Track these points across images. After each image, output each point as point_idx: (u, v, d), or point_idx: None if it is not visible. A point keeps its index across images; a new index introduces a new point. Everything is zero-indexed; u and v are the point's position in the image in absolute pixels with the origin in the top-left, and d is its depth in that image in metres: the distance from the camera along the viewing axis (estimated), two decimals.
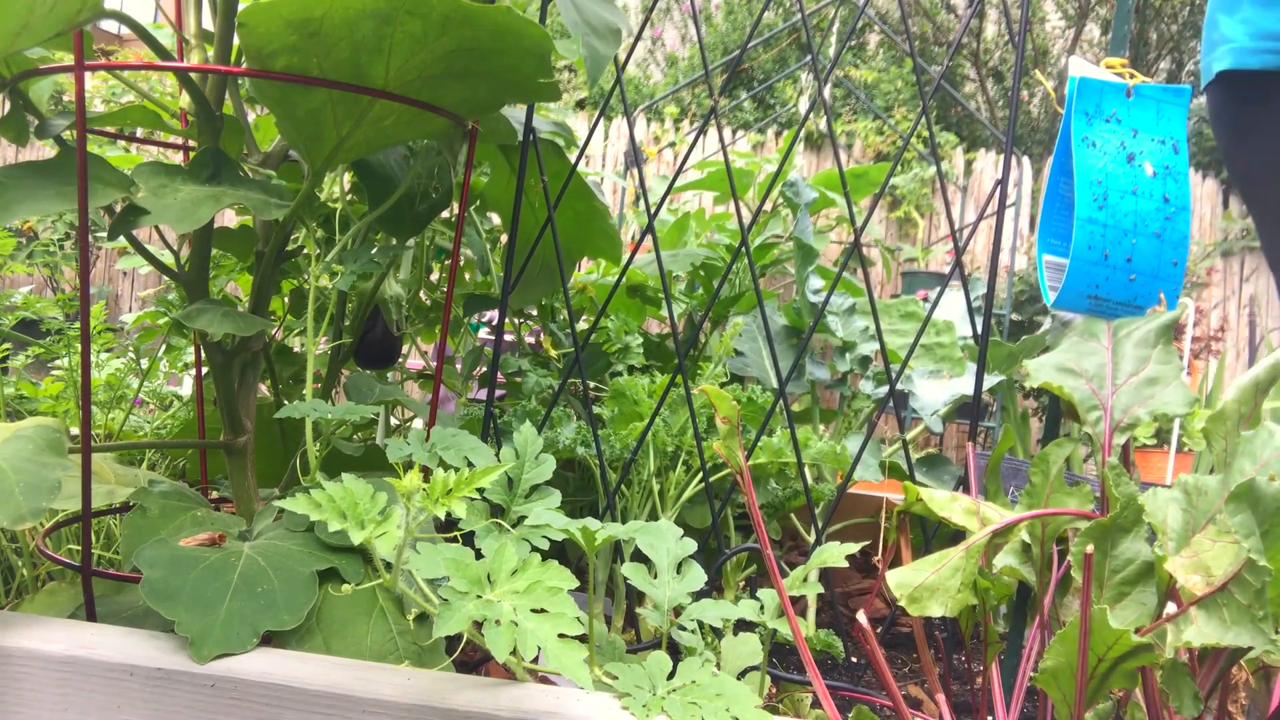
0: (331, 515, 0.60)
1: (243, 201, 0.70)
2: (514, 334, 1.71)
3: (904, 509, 0.80)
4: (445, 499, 0.59)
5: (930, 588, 0.69)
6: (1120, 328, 0.79)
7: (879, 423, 1.43)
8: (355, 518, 0.60)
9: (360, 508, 0.61)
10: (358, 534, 0.58)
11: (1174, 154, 0.81)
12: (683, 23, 7.70)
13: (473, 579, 0.57)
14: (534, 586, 0.57)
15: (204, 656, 0.57)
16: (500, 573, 0.58)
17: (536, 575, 0.58)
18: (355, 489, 0.62)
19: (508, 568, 0.59)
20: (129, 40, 5.81)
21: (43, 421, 0.68)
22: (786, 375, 1.03)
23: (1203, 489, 0.63)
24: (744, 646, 0.82)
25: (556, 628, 0.54)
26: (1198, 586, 0.57)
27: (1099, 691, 0.59)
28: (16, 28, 0.60)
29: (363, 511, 0.60)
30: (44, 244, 2.77)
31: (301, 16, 0.64)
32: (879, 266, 5.17)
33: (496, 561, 0.59)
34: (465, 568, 0.58)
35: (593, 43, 0.76)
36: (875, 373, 1.96)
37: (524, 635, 0.54)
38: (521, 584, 0.57)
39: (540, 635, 0.54)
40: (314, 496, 0.60)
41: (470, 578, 0.57)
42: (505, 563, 0.59)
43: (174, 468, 1.39)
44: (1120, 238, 0.80)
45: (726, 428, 0.70)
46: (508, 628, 0.54)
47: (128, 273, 5.82)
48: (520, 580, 0.58)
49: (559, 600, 0.56)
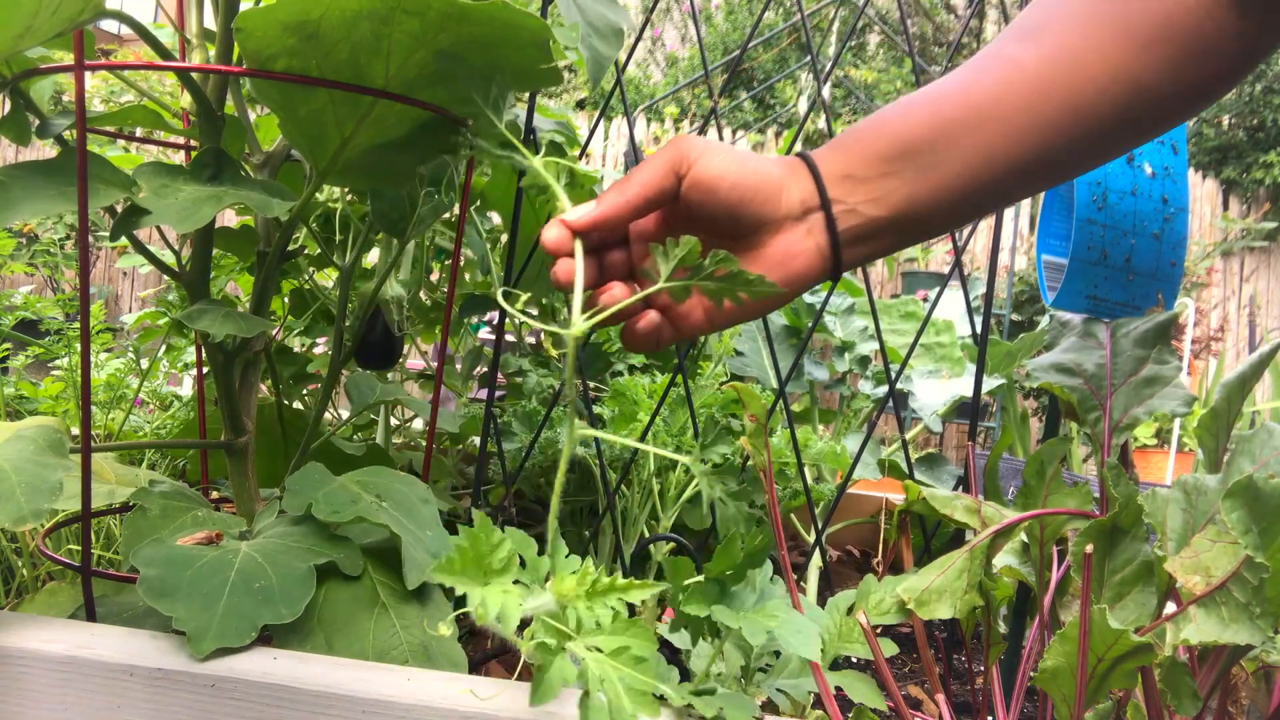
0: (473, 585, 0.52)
1: (245, 201, 0.70)
2: (514, 334, 1.72)
3: (905, 508, 0.80)
4: (595, 600, 0.54)
5: (937, 590, 0.69)
6: (1119, 327, 0.79)
7: (878, 423, 1.43)
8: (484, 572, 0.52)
9: (486, 559, 0.53)
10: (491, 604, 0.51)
11: (1173, 155, 0.81)
12: (683, 23, 7.70)
13: (557, 633, 0.53)
14: (621, 651, 0.52)
15: (202, 650, 0.57)
16: (582, 623, 0.53)
17: (622, 638, 0.53)
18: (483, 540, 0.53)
19: (590, 620, 0.53)
20: (129, 40, 5.81)
21: (44, 422, 0.68)
22: (786, 375, 1.03)
23: (1202, 489, 0.63)
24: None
25: (640, 707, 0.50)
26: (1197, 586, 0.57)
27: (1099, 691, 0.59)
28: (20, 30, 0.60)
29: (489, 565, 0.53)
30: (44, 244, 2.77)
31: (299, 19, 0.64)
32: (879, 266, 5.17)
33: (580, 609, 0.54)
34: (550, 628, 0.53)
35: (594, 44, 0.76)
36: (874, 372, 1.96)
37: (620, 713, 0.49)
38: (608, 644, 0.53)
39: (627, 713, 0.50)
40: (454, 560, 0.52)
41: (555, 633, 0.53)
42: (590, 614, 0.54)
43: (174, 468, 1.40)
44: (1119, 238, 0.80)
45: (754, 426, 0.70)
46: (598, 705, 0.50)
47: (128, 273, 5.83)
48: (607, 639, 0.53)
49: (645, 669, 0.52)
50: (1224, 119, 6.87)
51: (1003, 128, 0.57)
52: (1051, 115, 0.57)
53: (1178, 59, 0.56)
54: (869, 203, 0.58)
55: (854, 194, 0.58)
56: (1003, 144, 0.57)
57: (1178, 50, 0.56)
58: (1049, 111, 0.57)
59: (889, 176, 0.58)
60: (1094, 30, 0.57)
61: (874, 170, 0.58)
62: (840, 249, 0.59)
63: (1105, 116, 0.57)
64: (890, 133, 0.58)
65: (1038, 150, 0.57)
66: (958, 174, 0.57)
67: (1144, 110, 0.58)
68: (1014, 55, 0.58)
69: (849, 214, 0.58)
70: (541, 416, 1.25)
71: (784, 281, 0.59)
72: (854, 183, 0.58)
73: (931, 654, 0.78)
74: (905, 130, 0.58)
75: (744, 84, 6.85)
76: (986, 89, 0.58)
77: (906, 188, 0.57)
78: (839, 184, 0.58)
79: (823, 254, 0.59)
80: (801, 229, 0.59)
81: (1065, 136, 0.57)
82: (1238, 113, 6.81)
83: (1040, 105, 0.57)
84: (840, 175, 0.58)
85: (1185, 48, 0.56)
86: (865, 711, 0.71)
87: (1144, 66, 0.56)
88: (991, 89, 0.57)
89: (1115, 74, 0.57)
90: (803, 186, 0.58)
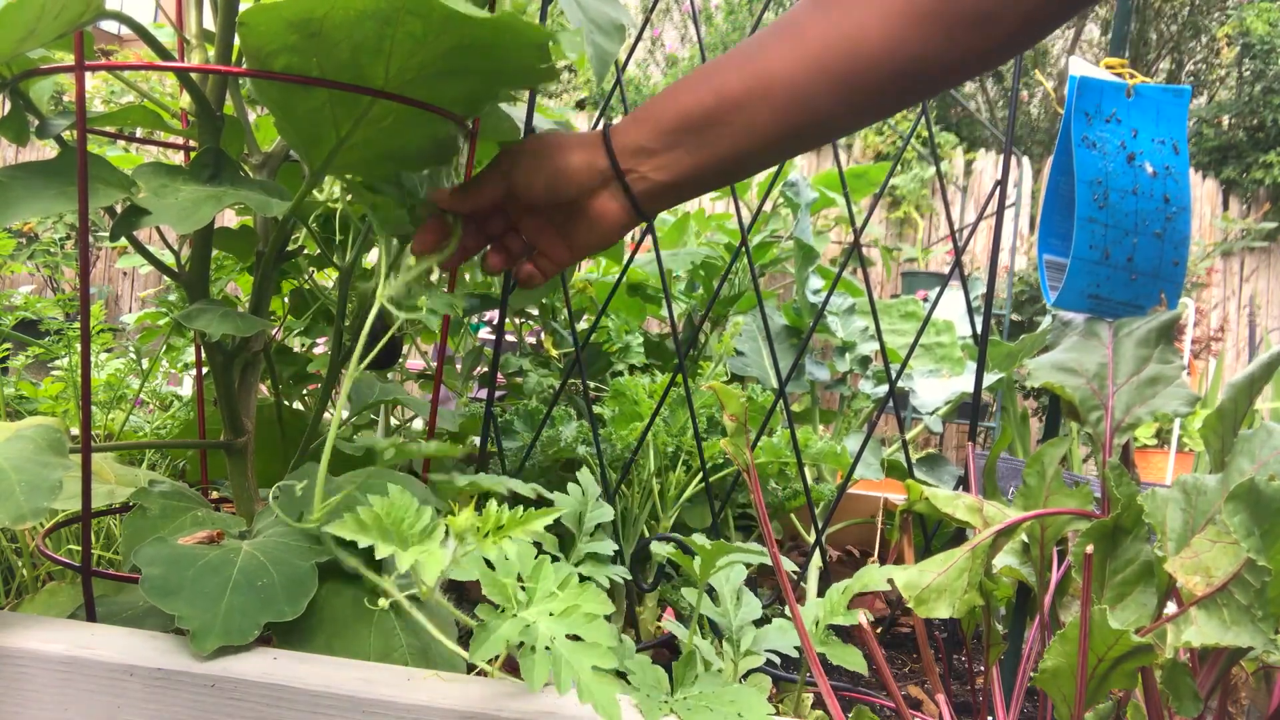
0: (378, 538, 0.57)
1: (244, 201, 0.70)
2: (514, 334, 1.71)
3: (907, 507, 0.80)
4: (496, 535, 0.57)
5: (937, 589, 0.69)
6: (1121, 327, 0.79)
7: (879, 422, 1.43)
8: (400, 537, 0.57)
9: (405, 524, 0.58)
10: (404, 558, 0.56)
11: (1174, 154, 0.81)
12: (683, 23, 7.70)
13: (507, 595, 0.55)
14: (571, 610, 0.54)
15: (206, 648, 0.57)
16: (536, 590, 0.56)
17: (574, 598, 0.55)
18: (400, 505, 0.59)
19: (545, 586, 0.56)
20: (129, 40, 5.81)
21: (44, 421, 0.68)
22: (786, 375, 1.03)
23: (1202, 489, 0.63)
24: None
25: (591, 658, 0.52)
26: (1198, 587, 0.57)
27: (1099, 691, 0.59)
28: (24, 33, 0.60)
29: (406, 529, 0.58)
30: (44, 244, 2.77)
31: (303, 17, 0.63)
32: (879, 266, 5.17)
33: (534, 577, 0.57)
34: (500, 585, 0.55)
35: (598, 40, 0.76)
36: (875, 372, 1.96)
37: (560, 665, 0.51)
38: (558, 605, 0.55)
39: (576, 666, 0.51)
40: (361, 516, 0.58)
41: (504, 595, 0.55)
42: (543, 580, 0.56)
43: (174, 468, 1.39)
44: (1121, 237, 0.80)
45: (734, 425, 0.70)
46: (543, 656, 0.51)
47: (128, 273, 5.83)
48: (558, 601, 0.55)
49: (595, 627, 0.53)
50: (1224, 119, 6.87)
51: (772, 104, 0.64)
52: (823, 91, 0.63)
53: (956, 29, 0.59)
54: (658, 170, 0.69)
55: (644, 164, 0.69)
56: (771, 119, 0.64)
57: (956, 21, 0.59)
58: (821, 87, 0.63)
59: (674, 149, 0.67)
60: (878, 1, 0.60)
61: (661, 143, 0.68)
62: (639, 205, 0.71)
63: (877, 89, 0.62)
64: (677, 108, 0.67)
65: (804, 122, 0.64)
66: (732, 145, 0.66)
67: (917, 79, 0.62)
68: (804, 28, 0.63)
69: (641, 180, 0.69)
70: (542, 416, 1.25)
71: (602, 233, 0.72)
72: (645, 154, 0.69)
73: (931, 654, 0.78)
74: (689, 106, 0.67)
75: None
76: (766, 65, 0.64)
77: (689, 158, 0.67)
78: (632, 156, 0.69)
79: (627, 210, 0.71)
80: (608, 193, 0.71)
81: (832, 109, 0.64)
82: (1238, 113, 6.81)
83: (812, 83, 0.63)
84: (634, 148, 0.69)
85: (964, 17, 0.59)
86: (865, 712, 0.71)
87: (924, 37, 0.60)
88: (771, 65, 0.64)
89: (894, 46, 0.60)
90: (603, 161, 0.70)
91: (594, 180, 0.70)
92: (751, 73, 0.64)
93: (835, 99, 0.63)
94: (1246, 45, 6.86)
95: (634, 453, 1.07)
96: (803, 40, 0.62)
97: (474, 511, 0.57)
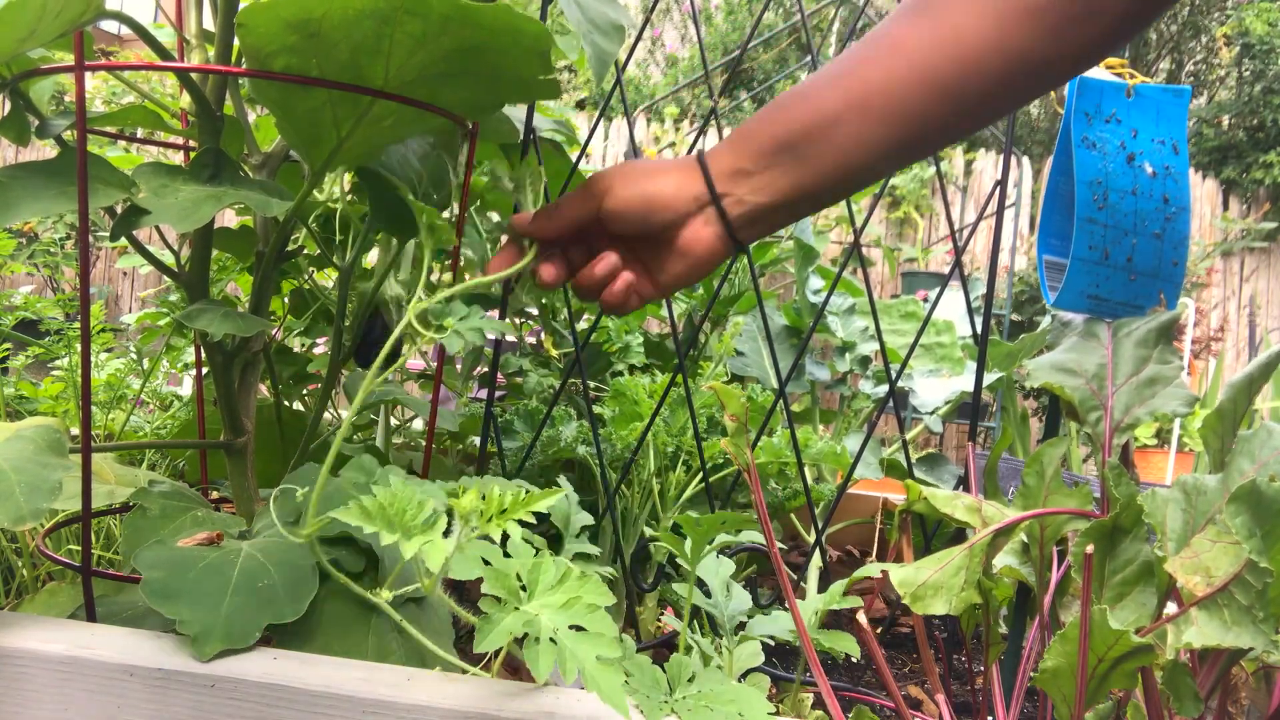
0: (382, 526, 0.57)
1: (244, 201, 0.70)
2: (514, 334, 1.71)
3: (906, 507, 0.80)
4: (500, 519, 0.57)
5: (934, 586, 0.69)
6: (1121, 327, 0.79)
7: (879, 422, 1.43)
8: (403, 527, 0.58)
9: (408, 516, 0.58)
10: (408, 546, 0.56)
11: (1174, 154, 0.81)
12: (683, 23, 7.70)
13: (509, 589, 0.55)
14: (573, 602, 0.55)
15: (207, 653, 0.57)
16: (537, 584, 0.56)
17: (575, 590, 0.56)
18: (403, 496, 0.59)
19: (546, 580, 0.57)
20: (129, 40, 5.81)
21: (44, 422, 0.68)
22: (786, 375, 1.03)
23: (1202, 489, 0.63)
24: (745, 648, 0.82)
25: (595, 648, 0.52)
26: (1198, 587, 0.57)
27: (1099, 692, 0.59)
28: (25, 33, 0.60)
29: (410, 520, 0.58)
30: (44, 244, 2.77)
31: (301, 17, 0.63)
32: (879, 266, 5.17)
33: (535, 572, 0.57)
34: (502, 577, 0.56)
35: (597, 40, 0.76)
36: (875, 372, 1.96)
37: (564, 655, 0.51)
38: (560, 598, 0.55)
39: (580, 656, 0.52)
40: (365, 505, 0.58)
41: (507, 588, 0.55)
42: (543, 574, 0.57)
43: (174, 468, 1.39)
44: (1120, 238, 0.80)
45: (735, 425, 0.70)
46: (547, 646, 0.52)
47: (128, 273, 5.83)
48: (559, 594, 0.55)
49: (597, 618, 0.54)
50: (1224, 119, 6.87)
51: (872, 116, 0.63)
52: (929, 101, 0.61)
53: (1059, 25, 0.58)
54: (755, 191, 0.67)
55: (742, 186, 0.67)
56: (871, 131, 0.63)
57: (1058, 17, 0.58)
58: (927, 97, 0.61)
59: (771, 169, 0.66)
60: (977, 3, 0.59)
61: (758, 164, 0.66)
62: (735, 232, 0.68)
63: (983, 91, 0.61)
64: (773, 129, 0.66)
65: (912, 133, 0.63)
66: (832, 161, 0.64)
67: (1023, 79, 0.61)
68: (900, 38, 0.62)
69: (738, 204, 0.67)
70: (542, 416, 1.25)
71: (693, 263, 0.70)
72: (743, 176, 0.67)
73: (931, 654, 0.78)
74: (786, 125, 0.65)
75: (744, 84, 6.84)
76: (862, 77, 0.63)
77: (785, 178, 0.65)
78: (729, 179, 0.67)
79: (722, 238, 0.69)
80: (701, 219, 0.68)
81: (941, 118, 0.62)
82: (1238, 113, 6.81)
83: (917, 94, 0.61)
84: (731, 171, 0.67)
85: (1066, 12, 0.58)
86: (865, 712, 0.71)
87: (1026, 35, 0.59)
88: (867, 76, 0.63)
89: (997, 47, 0.59)
90: (698, 186, 0.68)
91: (688, 206, 0.68)
92: (847, 87, 0.63)
93: (939, 105, 0.61)
94: (1246, 45, 6.86)
95: (634, 453, 1.07)
96: (900, 49, 0.61)
97: (477, 496, 0.57)
